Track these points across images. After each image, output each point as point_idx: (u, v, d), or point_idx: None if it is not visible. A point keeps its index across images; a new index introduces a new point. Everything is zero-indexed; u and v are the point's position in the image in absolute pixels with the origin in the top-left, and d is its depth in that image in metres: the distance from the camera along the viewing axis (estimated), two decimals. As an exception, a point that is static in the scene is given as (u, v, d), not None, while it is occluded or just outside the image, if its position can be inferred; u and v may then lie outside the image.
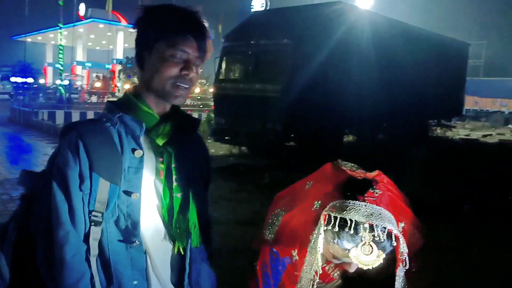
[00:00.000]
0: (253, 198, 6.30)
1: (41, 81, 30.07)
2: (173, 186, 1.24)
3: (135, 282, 1.17)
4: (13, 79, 22.72)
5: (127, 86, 27.38)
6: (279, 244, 1.29)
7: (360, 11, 10.97)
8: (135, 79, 27.22)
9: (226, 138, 9.36)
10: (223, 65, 9.72)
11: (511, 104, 28.62)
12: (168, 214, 1.24)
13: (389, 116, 10.85)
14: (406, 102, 11.27)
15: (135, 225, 1.16)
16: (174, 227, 1.24)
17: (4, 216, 5.05)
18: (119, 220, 1.15)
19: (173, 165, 1.24)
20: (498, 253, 4.35)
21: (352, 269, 1.17)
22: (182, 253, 1.27)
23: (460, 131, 18.09)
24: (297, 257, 1.22)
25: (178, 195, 1.25)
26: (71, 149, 1.12)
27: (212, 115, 10.81)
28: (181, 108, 1.33)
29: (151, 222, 1.22)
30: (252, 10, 25.25)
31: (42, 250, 1.12)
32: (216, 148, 10.47)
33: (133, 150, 1.16)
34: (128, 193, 1.15)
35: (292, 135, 8.77)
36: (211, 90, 14.01)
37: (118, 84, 26.68)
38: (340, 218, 1.06)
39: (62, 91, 19.00)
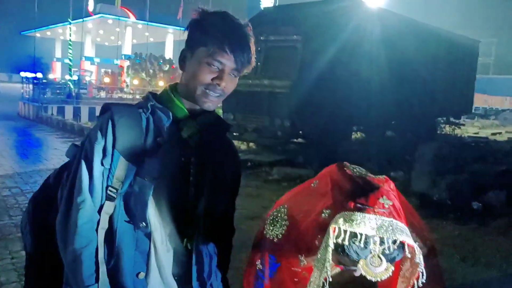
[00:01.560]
0: (261, 193, 6.33)
1: (50, 76, 30.30)
2: (190, 180, 1.27)
3: (135, 263, 1.22)
4: (23, 74, 22.88)
5: (136, 82, 27.52)
6: (282, 248, 1.27)
7: (369, 7, 10.90)
8: (143, 75, 27.33)
9: (234, 134, 9.37)
10: (232, 61, 9.72)
11: (521, 103, 28.34)
12: (180, 206, 1.26)
13: (397, 113, 10.80)
14: (415, 99, 11.21)
15: (144, 207, 1.20)
16: (184, 221, 1.27)
17: (15, 209, 5.13)
18: (129, 199, 1.21)
19: (192, 159, 1.28)
20: (507, 251, 4.34)
21: (357, 274, 1.14)
22: (189, 247, 1.29)
23: (469, 129, 17.95)
24: (305, 262, 1.21)
25: (193, 189, 1.28)
26: (102, 126, 1.21)
27: (220, 111, 10.81)
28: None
29: (162, 211, 1.25)
30: (261, 6, 25.18)
31: (61, 211, 1.21)
32: (224, 144, 10.48)
33: (156, 137, 1.23)
34: (142, 176, 1.20)
35: (300, 131, 8.76)
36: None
37: (127, 80, 26.80)
38: (350, 232, 1.05)
39: (71, 86, 19.13)
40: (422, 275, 1.09)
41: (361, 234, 1.03)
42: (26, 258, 1.41)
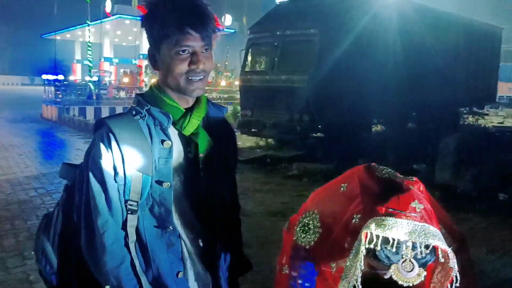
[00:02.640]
0: (281, 189, 6.32)
1: (71, 78, 30.85)
2: (201, 175, 1.28)
3: (172, 264, 1.25)
4: (44, 76, 23.36)
5: (154, 81, 27.62)
6: (315, 255, 1.27)
7: (386, -3, 10.71)
8: (161, 74, 27.47)
9: (253, 130, 9.37)
10: (249, 57, 9.71)
11: (547, 90, 27.40)
12: (197, 200, 1.29)
13: (418, 105, 10.60)
14: (436, 89, 10.98)
15: (168, 212, 1.22)
16: (202, 214, 1.30)
17: (42, 210, 5.25)
18: (153, 207, 1.22)
19: (200, 155, 1.28)
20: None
21: (387, 276, 1.13)
22: (211, 237, 1.32)
23: (493, 119, 17.48)
24: (335, 269, 1.21)
25: (204, 183, 1.29)
26: (104, 143, 1.18)
27: (238, 107, 10.82)
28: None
29: (182, 209, 1.28)
30: (277, 1, 25.04)
31: (85, 237, 1.19)
32: (243, 140, 10.51)
33: (162, 141, 1.22)
34: (159, 183, 1.20)
35: (320, 126, 8.70)
36: (237, 83, 14.03)
37: (145, 79, 27.04)
38: (382, 236, 1.03)
39: (92, 87, 19.44)
40: (456, 279, 1.07)
41: (393, 239, 1.02)
42: None
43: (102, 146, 1.18)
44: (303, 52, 8.45)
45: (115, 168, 1.18)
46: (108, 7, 31.37)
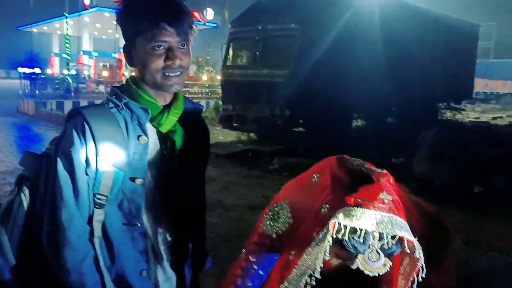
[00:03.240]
0: (262, 183, 6.33)
1: (48, 71, 30.18)
2: (176, 172, 1.26)
3: (136, 262, 1.22)
4: (20, 69, 22.81)
5: (132, 75, 27.28)
6: (280, 243, 1.27)
7: (367, -7, 10.79)
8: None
9: (235, 124, 9.35)
10: (230, 52, 9.67)
11: (522, 86, 28.21)
12: (169, 198, 1.27)
13: (398, 100, 10.75)
14: (414, 85, 11.15)
15: (138, 209, 1.20)
16: (174, 212, 1.28)
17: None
18: (122, 203, 1.18)
19: (176, 152, 1.26)
20: (509, 234, 4.34)
21: (354, 267, 1.14)
22: (180, 236, 1.32)
23: (469, 114, 17.89)
24: (292, 258, 1.20)
25: (179, 181, 1.27)
26: (77, 133, 1.13)
27: (220, 102, 10.78)
28: (188, 96, 1.35)
29: (153, 206, 1.25)
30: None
31: (47, 231, 1.15)
32: (224, 135, 10.49)
33: (139, 137, 1.18)
34: (132, 179, 1.17)
35: (301, 120, 8.74)
36: (219, 77, 13.97)
37: (126, 73, 26.67)
38: (350, 226, 1.04)
39: (70, 81, 19.07)
40: (422, 269, 1.08)
41: (360, 230, 1.03)
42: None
43: (75, 136, 1.13)
44: (284, 46, 8.46)
45: (87, 160, 1.13)
46: (86, 0, 30.73)
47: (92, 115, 1.15)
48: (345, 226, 1.03)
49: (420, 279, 1.10)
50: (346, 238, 1.04)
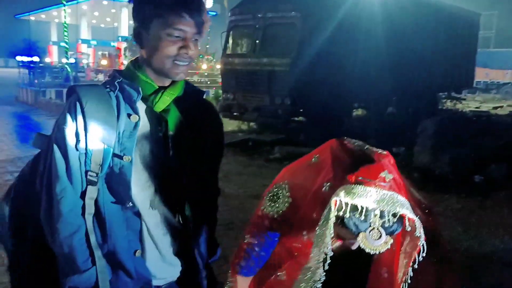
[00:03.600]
0: (263, 172, 6.34)
1: (47, 60, 30.01)
2: (170, 154, 1.25)
3: (129, 242, 1.23)
4: (19, 58, 22.67)
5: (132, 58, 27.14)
6: (282, 224, 1.27)
7: (368, -19, 10.69)
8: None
9: (235, 113, 9.32)
10: (230, 40, 9.59)
11: (523, 76, 28.09)
12: (164, 180, 1.27)
13: (398, 89, 10.72)
14: (415, 74, 11.11)
15: (127, 187, 1.20)
16: (171, 194, 1.28)
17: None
18: (111, 181, 1.20)
19: (170, 133, 1.25)
20: (509, 223, 4.36)
21: (355, 247, 1.16)
22: (181, 221, 1.30)
23: (470, 104, 17.86)
24: (307, 237, 1.21)
25: (173, 163, 1.26)
26: (70, 110, 1.17)
27: (220, 91, 10.74)
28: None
29: (145, 187, 1.25)
30: (258, -17, 24.58)
31: (43, 203, 1.18)
32: (224, 124, 10.27)
33: (129, 115, 1.20)
34: (120, 156, 1.19)
35: (301, 110, 8.72)
36: (218, 66, 13.90)
37: (124, 62, 26.54)
38: (351, 204, 1.05)
39: (69, 69, 18.98)
40: (423, 248, 1.09)
41: (362, 207, 1.03)
42: (9, 257, 1.35)
43: (67, 113, 1.17)
44: (284, 35, 8.40)
45: (77, 136, 1.16)
46: (84, -13, 30.44)
47: (85, 93, 1.18)
48: (346, 204, 1.04)
49: (421, 258, 1.11)
50: (347, 215, 1.05)
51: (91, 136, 1.16)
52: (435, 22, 12.03)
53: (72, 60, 21.49)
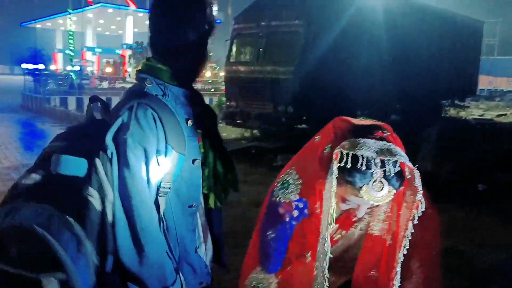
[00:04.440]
0: (266, 180, 6.32)
1: (52, 67, 30.25)
2: (208, 149, 1.33)
3: (191, 241, 1.28)
4: (24, 65, 22.86)
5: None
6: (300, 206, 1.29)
7: (371, -11, 10.75)
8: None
9: (238, 121, 9.34)
10: (234, 48, 9.65)
11: (526, 83, 28.06)
12: (214, 173, 1.35)
13: (402, 97, 10.72)
14: (419, 82, 11.11)
15: (197, 189, 1.25)
16: (218, 183, 1.37)
17: (22, 200, 5.16)
18: (181, 187, 1.21)
19: (203, 130, 1.32)
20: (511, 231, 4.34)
21: (360, 214, 1.19)
22: (219, 205, 1.40)
23: (474, 111, 17.80)
24: (319, 209, 1.23)
25: (216, 156, 1.35)
26: (148, 123, 1.12)
27: (223, 98, 10.78)
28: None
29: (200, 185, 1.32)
30: (261, -9, 24.78)
31: (125, 230, 1.10)
32: (227, 132, 10.48)
33: (186, 120, 1.22)
34: (189, 161, 1.21)
35: (304, 117, 8.73)
36: (222, 73, 13.96)
37: (129, 69, 26.72)
38: (352, 154, 1.08)
39: (73, 77, 19.12)
40: (421, 203, 1.13)
41: (362, 157, 1.07)
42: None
43: (146, 126, 1.12)
44: (288, 43, 8.44)
45: (159, 149, 1.14)
46: (90, -5, 30.74)
47: (156, 105, 1.15)
48: (347, 154, 1.08)
49: (420, 213, 1.15)
50: (349, 165, 1.08)
51: (170, 146, 1.15)
52: (439, 30, 12.06)
53: (77, 68, 21.67)
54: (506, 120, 14.97)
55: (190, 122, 1.22)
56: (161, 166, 1.15)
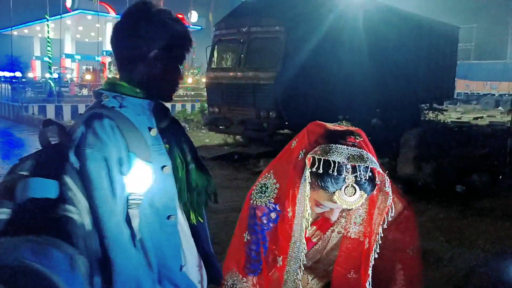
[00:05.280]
0: (249, 185, 6.26)
1: (30, 75, 29.66)
2: (177, 162, 1.28)
3: (175, 257, 1.22)
4: (1, 73, 22.38)
5: (118, 78, 27.08)
6: (281, 209, 1.31)
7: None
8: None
9: (220, 127, 9.34)
10: (215, 54, 9.66)
11: (501, 87, 28.83)
12: (188, 187, 1.30)
13: (382, 101, 10.90)
14: (398, 87, 11.31)
15: (172, 199, 1.20)
16: (194, 197, 1.31)
17: None
18: (154, 198, 1.16)
19: (173, 141, 1.29)
20: (491, 232, 4.44)
21: (333, 218, 1.22)
22: (201, 221, 1.33)
23: (451, 115, 18.22)
24: (291, 213, 1.24)
25: (189, 168, 1.30)
26: (106, 131, 1.10)
27: (205, 105, 10.77)
28: (173, 98, 1.36)
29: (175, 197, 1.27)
30: (242, -3, 24.92)
31: (95, 239, 1.07)
32: (210, 138, 10.47)
33: (150, 129, 1.20)
34: (162, 168, 1.18)
35: (286, 122, 8.78)
36: (204, 80, 13.94)
37: (109, 76, 26.41)
38: (324, 160, 1.10)
39: (52, 84, 18.80)
40: (391, 209, 1.16)
41: (334, 162, 1.10)
42: None
43: (103, 136, 1.09)
44: (269, 49, 8.50)
45: (120, 158, 1.10)
46: (68, 2, 30.32)
47: (113, 115, 1.13)
48: (319, 160, 1.11)
49: (390, 218, 1.18)
50: (321, 171, 1.11)
51: (133, 154, 1.12)
52: (416, 36, 12.33)
53: (55, 75, 21.29)
54: (482, 123, 15.38)
55: (154, 131, 1.20)
56: (126, 175, 1.11)
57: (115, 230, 1.07)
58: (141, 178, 1.13)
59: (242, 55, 8.84)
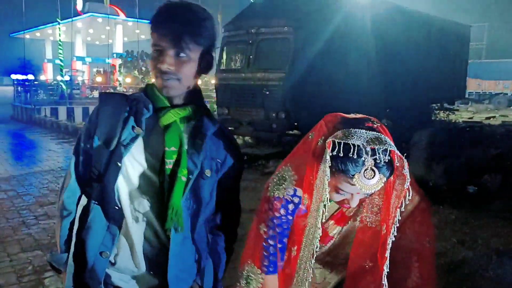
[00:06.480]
0: (258, 186, 6.34)
1: (42, 77, 30.06)
2: (164, 168, 1.24)
3: (102, 243, 1.27)
4: (13, 76, 22.69)
5: (129, 80, 27.39)
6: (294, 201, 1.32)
7: (359, -4, 10.87)
8: (136, 73, 27.16)
9: (229, 128, 9.33)
10: (224, 55, 9.69)
11: (514, 86, 28.42)
12: (157, 194, 1.25)
13: (391, 101, 10.81)
14: (408, 86, 11.22)
15: (111, 191, 1.24)
16: (161, 210, 1.25)
17: (11, 212, 5.11)
18: (104, 182, 1.27)
19: (172, 148, 1.24)
20: (503, 233, 4.38)
21: (353, 203, 1.22)
22: (168, 233, 1.25)
23: (463, 114, 18.02)
24: (307, 201, 1.25)
25: (167, 178, 1.24)
26: (92, 112, 1.33)
27: (214, 106, 10.80)
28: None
29: (136, 197, 1.26)
30: (251, -1, 24.96)
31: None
32: (219, 139, 10.43)
33: (133, 128, 1.24)
34: (113, 160, 1.24)
35: (295, 123, 8.77)
36: (212, 81, 13.99)
37: (120, 78, 26.64)
38: (344, 143, 1.12)
39: (64, 87, 19.01)
40: (408, 191, 1.17)
41: (353, 146, 1.12)
42: None
43: (90, 116, 1.32)
44: (278, 50, 8.49)
45: (88, 135, 1.30)
46: (79, 5, 30.71)
47: (104, 101, 1.31)
48: (339, 143, 1.13)
49: (407, 201, 1.18)
50: (341, 154, 1.12)
51: (96, 136, 1.27)
52: (427, 35, 12.22)
53: (67, 78, 21.54)
54: (495, 123, 15.17)
55: (137, 130, 1.23)
56: (87, 148, 1.30)
57: (66, 182, 1.35)
58: (99, 159, 1.27)
59: (251, 56, 8.85)
